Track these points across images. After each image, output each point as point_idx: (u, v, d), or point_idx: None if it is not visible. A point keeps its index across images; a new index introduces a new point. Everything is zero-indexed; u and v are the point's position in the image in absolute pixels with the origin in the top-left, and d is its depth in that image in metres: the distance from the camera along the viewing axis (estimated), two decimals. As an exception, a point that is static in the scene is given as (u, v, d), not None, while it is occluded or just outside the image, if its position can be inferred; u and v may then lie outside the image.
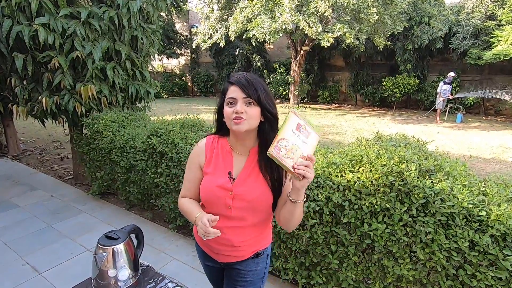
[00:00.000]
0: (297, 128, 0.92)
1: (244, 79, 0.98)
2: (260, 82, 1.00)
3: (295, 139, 0.90)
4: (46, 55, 2.91)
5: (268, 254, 1.22)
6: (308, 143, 0.92)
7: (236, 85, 0.98)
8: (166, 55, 15.06)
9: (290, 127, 0.91)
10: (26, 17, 2.79)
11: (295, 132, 0.90)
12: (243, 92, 0.97)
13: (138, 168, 2.87)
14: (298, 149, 0.89)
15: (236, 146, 1.08)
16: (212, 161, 1.08)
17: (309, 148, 0.91)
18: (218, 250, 1.14)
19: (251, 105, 0.98)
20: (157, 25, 3.76)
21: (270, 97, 1.02)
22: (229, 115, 0.98)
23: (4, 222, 2.97)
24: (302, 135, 0.91)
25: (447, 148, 6.40)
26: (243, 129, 0.97)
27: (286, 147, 0.88)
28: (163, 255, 2.53)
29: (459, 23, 10.21)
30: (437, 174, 1.46)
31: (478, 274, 1.30)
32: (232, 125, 0.98)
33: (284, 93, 12.43)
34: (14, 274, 2.26)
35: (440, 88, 9.29)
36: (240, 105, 0.96)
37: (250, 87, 0.97)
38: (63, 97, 3.10)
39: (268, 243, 1.21)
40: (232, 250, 1.12)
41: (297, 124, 0.92)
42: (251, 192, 1.03)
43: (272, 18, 8.42)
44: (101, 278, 1.05)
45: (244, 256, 1.15)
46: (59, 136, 6.46)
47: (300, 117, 0.93)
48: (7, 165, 4.70)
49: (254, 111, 0.98)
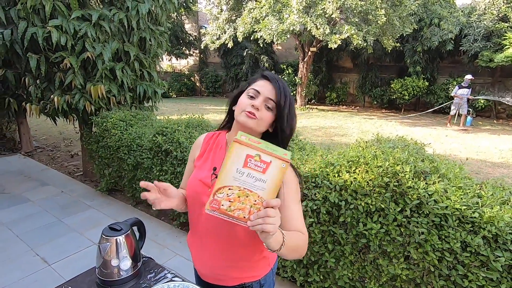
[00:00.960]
0: (246, 164, 0.68)
1: (281, 82, 0.91)
2: (290, 95, 0.92)
3: (243, 182, 0.68)
4: (59, 56, 3.03)
5: (261, 286, 1.04)
6: (268, 180, 0.68)
7: (269, 82, 0.91)
8: (175, 56, 15.26)
9: (233, 166, 0.68)
10: (40, 19, 2.91)
11: (241, 172, 0.68)
12: (272, 91, 0.89)
13: (144, 166, 2.96)
14: (252, 192, 0.68)
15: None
16: (204, 155, 1.03)
17: (268, 187, 0.68)
18: (200, 266, 1.06)
19: (269, 109, 0.90)
20: (165, 27, 3.85)
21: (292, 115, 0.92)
22: (244, 105, 0.90)
23: (16, 215, 3.10)
24: (255, 172, 0.67)
25: (455, 151, 6.33)
26: (249, 125, 0.89)
27: (230, 197, 0.68)
28: (166, 251, 2.61)
29: (470, 25, 10.06)
30: (432, 176, 1.49)
31: (469, 275, 1.32)
32: (241, 116, 0.90)
33: (292, 94, 12.41)
34: (25, 265, 2.36)
35: (455, 92, 8.76)
36: (260, 101, 0.88)
37: (282, 92, 0.89)
38: (74, 96, 3.21)
39: (259, 275, 1.03)
40: (211, 271, 1.01)
41: (245, 158, 0.68)
42: None
43: (280, 19, 8.47)
44: (105, 267, 1.11)
45: (227, 282, 1.02)
46: (70, 134, 6.64)
47: (250, 145, 0.68)
48: (20, 161, 4.87)
49: (269, 116, 0.90)
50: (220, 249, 0.98)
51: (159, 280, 1.14)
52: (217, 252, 0.99)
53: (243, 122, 0.89)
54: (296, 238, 0.84)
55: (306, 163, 1.92)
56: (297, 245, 0.83)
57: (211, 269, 1.02)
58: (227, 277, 1.01)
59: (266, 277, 1.05)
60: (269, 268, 1.06)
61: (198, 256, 1.06)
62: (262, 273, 1.04)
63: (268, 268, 1.06)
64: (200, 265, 1.06)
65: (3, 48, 2.93)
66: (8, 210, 3.20)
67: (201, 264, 1.05)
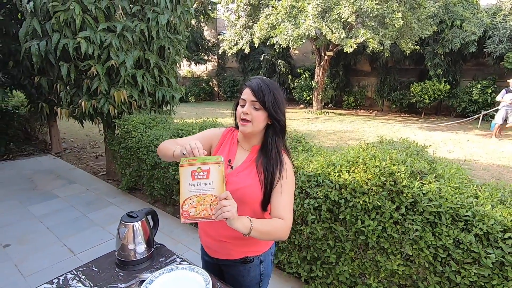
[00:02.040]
0: (193, 177, 0.90)
1: (256, 84, 1.04)
2: (271, 88, 1.05)
3: (196, 190, 0.89)
4: (86, 64, 3.31)
5: (261, 262, 1.22)
6: (213, 181, 0.90)
7: (248, 88, 1.06)
8: (194, 61, 15.71)
9: (186, 182, 0.90)
10: (71, 31, 3.20)
11: (193, 184, 0.90)
12: (252, 95, 1.04)
13: (161, 166, 3.16)
14: (206, 194, 0.89)
15: (242, 141, 1.17)
16: (220, 148, 1.19)
17: (216, 186, 0.89)
18: (208, 243, 1.23)
19: (257, 109, 1.04)
20: (183, 35, 4.08)
21: (278, 103, 1.05)
22: (239, 114, 1.07)
23: (47, 210, 3.39)
24: (202, 180, 0.90)
25: (476, 156, 6.14)
26: (246, 131, 1.07)
27: (192, 204, 0.89)
28: (180, 245, 2.78)
29: (495, 26, 9.71)
30: (428, 176, 1.55)
31: (462, 271, 1.37)
32: (240, 126, 1.08)
33: (308, 98, 12.47)
34: (54, 254, 2.61)
35: (501, 96, 7.74)
36: (247, 107, 1.04)
37: (258, 91, 1.03)
38: (99, 100, 3.48)
39: (260, 250, 1.21)
40: (220, 244, 1.18)
41: (190, 174, 0.90)
42: (241, 181, 1.09)
43: (296, 24, 8.58)
44: (123, 250, 1.28)
45: (233, 255, 1.18)
46: (95, 136, 7.05)
47: (190, 164, 0.91)
48: (50, 161, 5.27)
49: (259, 114, 1.04)
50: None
51: (169, 263, 1.29)
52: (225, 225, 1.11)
53: (241, 131, 1.09)
54: (270, 224, 1.00)
55: (311, 164, 2.02)
56: (270, 229, 0.99)
57: (219, 242, 1.17)
58: (233, 250, 1.17)
59: (265, 254, 1.23)
60: (267, 247, 1.23)
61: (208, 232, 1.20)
62: (262, 249, 1.21)
63: (267, 247, 1.23)
64: (209, 241, 1.22)
65: (39, 58, 3.25)
66: (40, 205, 3.50)
67: (210, 239, 1.21)
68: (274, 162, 1.08)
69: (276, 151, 1.09)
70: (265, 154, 1.10)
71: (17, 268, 2.42)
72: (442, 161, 1.82)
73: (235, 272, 1.22)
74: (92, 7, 3.15)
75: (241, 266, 1.20)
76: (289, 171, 1.10)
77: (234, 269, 1.22)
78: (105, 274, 1.22)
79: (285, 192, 1.06)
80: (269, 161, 1.08)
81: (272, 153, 1.09)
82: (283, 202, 1.05)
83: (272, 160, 1.08)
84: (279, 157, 1.09)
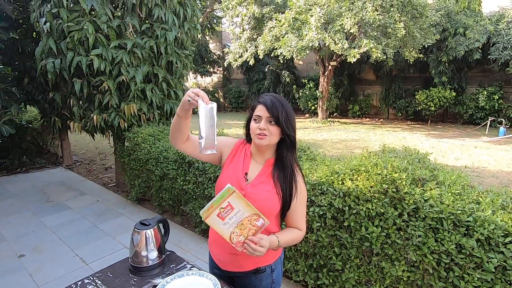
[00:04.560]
0: (222, 218, 1.03)
1: (270, 101, 1.11)
2: (284, 105, 1.12)
3: (233, 223, 1.03)
4: (98, 80, 3.46)
5: (273, 270, 1.26)
6: (239, 208, 1.02)
7: (262, 105, 1.12)
8: (200, 74, 16.03)
9: (220, 226, 1.03)
10: (84, 49, 3.37)
11: (226, 223, 1.03)
12: (267, 111, 1.10)
13: (169, 176, 3.24)
14: (242, 221, 1.03)
15: (255, 154, 1.22)
16: (234, 159, 1.23)
17: (244, 209, 1.02)
18: (220, 255, 1.26)
19: (272, 124, 1.11)
20: (190, 50, 4.23)
21: (290, 120, 1.13)
22: (254, 130, 1.13)
23: (59, 221, 3.49)
24: (230, 214, 1.02)
25: (484, 163, 6.09)
26: (263, 144, 1.12)
27: (238, 234, 1.04)
28: (188, 255, 2.82)
29: (498, 33, 9.73)
30: (430, 183, 1.59)
31: (466, 276, 1.40)
32: (255, 139, 1.13)
33: (313, 107, 12.55)
34: (66, 263, 2.68)
35: None
36: (263, 123, 1.11)
37: (273, 108, 1.10)
38: (110, 114, 3.62)
39: (271, 260, 1.25)
40: (233, 258, 1.21)
41: (218, 218, 1.02)
42: (260, 193, 1.14)
43: (299, 36, 8.75)
44: (136, 257, 1.34)
45: (244, 267, 1.22)
46: (104, 148, 7.21)
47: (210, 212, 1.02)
48: (61, 173, 5.41)
49: (274, 129, 1.11)
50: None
51: (180, 269, 1.35)
52: None
53: (258, 144, 1.15)
54: (290, 235, 1.19)
55: (315, 173, 2.07)
56: (291, 240, 1.18)
57: (232, 255, 1.21)
58: (245, 262, 1.21)
59: (276, 263, 1.27)
60: (278, 255, 1.28)
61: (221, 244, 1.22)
62: (273, 258, 1.26)
63: (278, 255, 1.28)
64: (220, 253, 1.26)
65: (54, 75, 3.41)
66: (53, 216, 3.61)
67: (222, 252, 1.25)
68: (290, 177, 1.15)
69: (291, 166, 1.17)
70: (281, 168, 1.17)
71: (32, 277, 2.50)
72: (443, 168, 1.86)
73: (247, 282, 1.25)
74: (104, 26, 3.32)
75: (253, 277, 1.23)
76: (302, 184, 1.19)
77: (246, 280, 1.25)
78: (120, 279, 1.28)
79: (300, 204, 1.17)
80: (286, 175, 1.15)
81: (288, 167, 1.16)
82: (299, 213, 1.18)
83: (288, 174, 1.16)
84: (293, 171, 1.17)
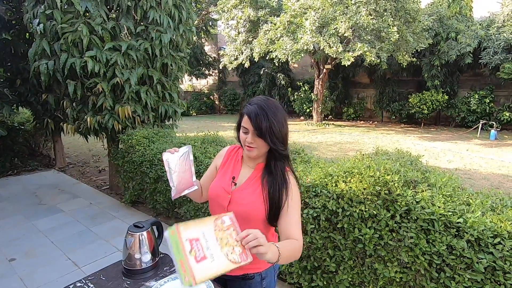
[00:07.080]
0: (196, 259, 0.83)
1: (254, 112, 1.04)
2: (269, 115, 1.03)
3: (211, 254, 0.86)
4: (92, 82, 3.44)
5: (263, 278, 1.21)
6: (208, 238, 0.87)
7: (247, 116, 1.06)
8: (195, 76, 16.03)
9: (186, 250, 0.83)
10: (78, 51, 3.35)
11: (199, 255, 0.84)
12: (251, 124, 1.05)
13: (164, 179, 3.22)
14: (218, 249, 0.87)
15: (247, 159, 1.21)
16: (225, 166, 1.23)
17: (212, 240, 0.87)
18: None
19: (259, 136, 1.05)
20: (185, 53, 4.23)
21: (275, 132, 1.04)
22: (243, 141, 1.11)
23: (52, 224, 3.44)
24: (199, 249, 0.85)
25: (475, 166, 6.18)
26: (253, 155, 1.11)
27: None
28: (183, 258, 2.81)
29: (489, 38, 9.94)
30: (421, 185, 1.61)
31: (456, 277, 1.42)
32: (245, 150, 1.11)
33: (308, 110, 12.63)
34: (59, 267, 2.65)
35: None
36: (250, 137, 1.06)
37: (257, 121, 1.03)
38: (104, 116, 3.59)
39: (261, 268, 1.19)
40: None
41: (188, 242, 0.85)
42: (246, 197, 1.12)
43: (294, 39, 8.82)
44: (129, 259, 1.34)
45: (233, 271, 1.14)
46: (98, 151, 7.15)
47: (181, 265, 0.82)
48: (54, 176, 5.35)
49: (261, 141, 1.06)
50: None
51: (173, 272, 1.34)
52: None
53: (247, 155, 1.14)
54: (290, 246, 1.00)
55: (309, 175, 2.09)
56: (292, 253, 1.00)
57: None
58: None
59: (267, 271, 1.21)
60: (269, 264, 1.18)
61: None
62: (263, 267, 1.20)
63: (269, 264, 1.16)
64: None
65: (47, 77, 3.38)
66: (45, 220, 3.56)
67: None
68: (279, 182, 1.10)
69: (281, 171, 1.12)
70: (270, 173, 1.12)
71: (23, 281, 2.46)
72: (435, 170, 1.89)
73: (238, 286, 1.24)
74: (99, 28, 3.31)
75: (242, 282, 1.22)
76: (295, 189, 1.12)
77: (237, 284, 1.24)
78: (113, 282, 1.27)
79: (293, 211, 1.08)
80: (274, 180, 1.10)
81: (277, 173, 1.11)
82: (293, 221, 1.07)
83: (278, 179, 1.10)
84: (284, 177, 1.11)
